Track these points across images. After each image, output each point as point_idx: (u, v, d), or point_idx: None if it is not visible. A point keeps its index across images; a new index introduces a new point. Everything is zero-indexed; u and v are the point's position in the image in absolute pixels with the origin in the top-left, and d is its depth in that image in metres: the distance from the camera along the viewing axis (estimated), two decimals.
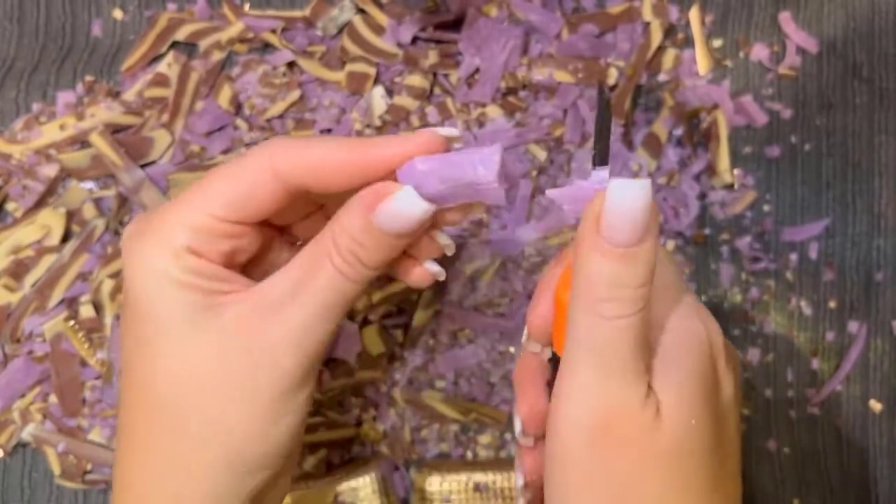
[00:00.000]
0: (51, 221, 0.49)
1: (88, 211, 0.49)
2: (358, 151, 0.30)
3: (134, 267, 0.31)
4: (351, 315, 0.48)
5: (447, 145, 0.31)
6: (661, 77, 0.51)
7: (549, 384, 0.34)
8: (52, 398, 0.48)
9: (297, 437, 0.33)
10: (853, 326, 0.50)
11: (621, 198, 0.26)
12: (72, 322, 0.48)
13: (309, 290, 0.30)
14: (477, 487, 0.46)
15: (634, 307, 0.28)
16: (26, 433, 0.48)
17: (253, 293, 0.31)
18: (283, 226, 0.36)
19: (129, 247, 0.31)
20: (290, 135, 0.50)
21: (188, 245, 0.31)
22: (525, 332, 0.35)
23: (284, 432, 0.32)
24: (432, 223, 0.32)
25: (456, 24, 0.51)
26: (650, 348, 0.30)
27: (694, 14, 0.51)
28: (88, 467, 0.48)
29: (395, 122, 0.50)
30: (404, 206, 0.29)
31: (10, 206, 0.50)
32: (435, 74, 0.51)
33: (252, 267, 0.35)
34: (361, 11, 0.51)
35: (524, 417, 0.34)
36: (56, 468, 0.48)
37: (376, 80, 0.51)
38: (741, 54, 0.52)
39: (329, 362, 0.48)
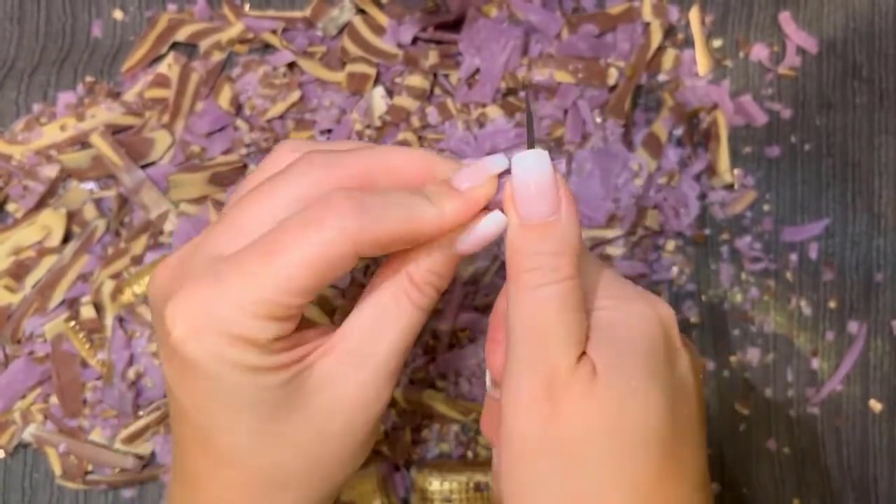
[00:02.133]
0: (51, 222, 0.49)
1: (89, 211, 0.49)
2: (441, 212, 0.29)
3: (197, 366, 0.28)
4: None
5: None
6: (661, 77, 0.51)
7: None
8: (53, 399, 0.48)
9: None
10: (853, 326, 0.50)
11: (522, 170, 0.28)
12: (73, 323, 0.48)
13: (391, 333, 0.30)
14: (478, 487, 0.46)
15: (556, 275, 0.28)
16: (27, 434, 0.48)
17: (335, 347, 0.30)
18: None
19: (179, 335, 0.27)
20: (290, 136, 0.50)
21: (267, 338, 0.28)
22: (488, 376, 0.35)
23: (347, 476, 0.33)
24: None
25: (456, 25, 0.51)
26: (591, 321, 0.30)
27: (694, 14, 0.51)
28: (89, 468, 0.48)
29: (395, 122, 0.50)
30: (492, 227, 0.30)
31: (10, 206, 0.50)
32: (435, 75, 0.51)
33: None
34: (361, 12, 0.51)
35: (495, 374, 0.34)
36: (57, 469, 0.48)
37: (376, 81, 0.51)
38: (741, 54, 0.52)
39: None
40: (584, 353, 0.29)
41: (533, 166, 0.28)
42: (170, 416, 0.32)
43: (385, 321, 0.30)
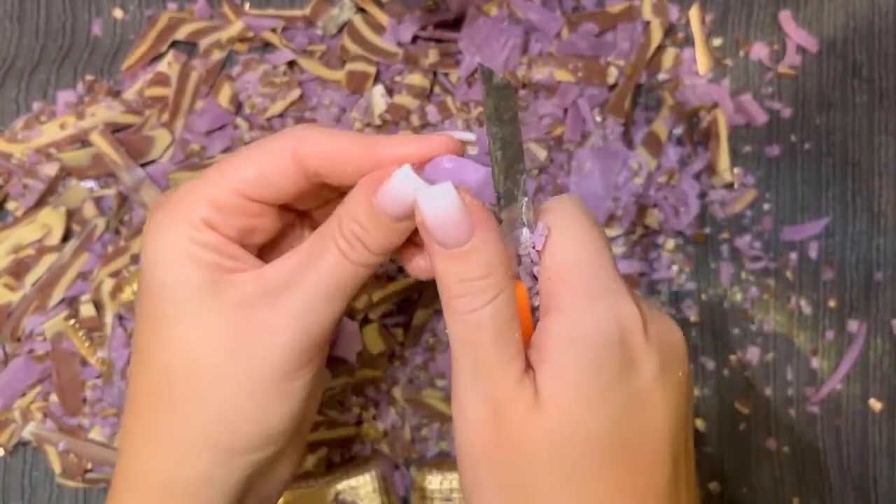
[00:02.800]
0: (51, 220, 0.49)
1: (89, 210, 0.49)
2: (376, 148, 0.31)
3: (151, 240, 0.31)
4: (351, 314, 0.48)
5: (463, 149, 0.31)
6: (661, 76, 0.51)
7: None
8: (53, 397, 0.48)
9: (296, 422, 0.33)
10: (853, 325, 0.50)
11: (429, 206, 0.28)
12: (72, 321, 0.48)
13: (312, 272, 0.30)
14: None
15: (484, 299, 0.28)
16: (27, 432, 0.48)
17: (259, 274, 0.31)
18: (303, 210, 0.36)
19: (149, 219, 0.32)
20: None
21: (204, 218, 0.31)
22: None
23: (280, 414, 0.31)
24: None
25: (456, 24, 0.51)
26: (547, 322, 0.29)
27: (694, 13, 0.51)
28: (89, 466, 0.48)
29: (395, 120, 0.50)
30: (400, 185, 0.29)
31: (10, 205, 0.50)
32: (435, 73, 0.51)
33: (270, 250, 0.35)
34: (361, 10, 0.51)
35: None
36: (57, 467, 0.48)
37: (376, 79, 0.51)
38: (741, 53, 0.52)
39: (330, 361, 0.48)
40: (528, 366, 0.29)
41: (438, 202, 0.28)
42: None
43: (308, 260, 0.31)
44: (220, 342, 0.30)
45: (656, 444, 0.29)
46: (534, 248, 0.30)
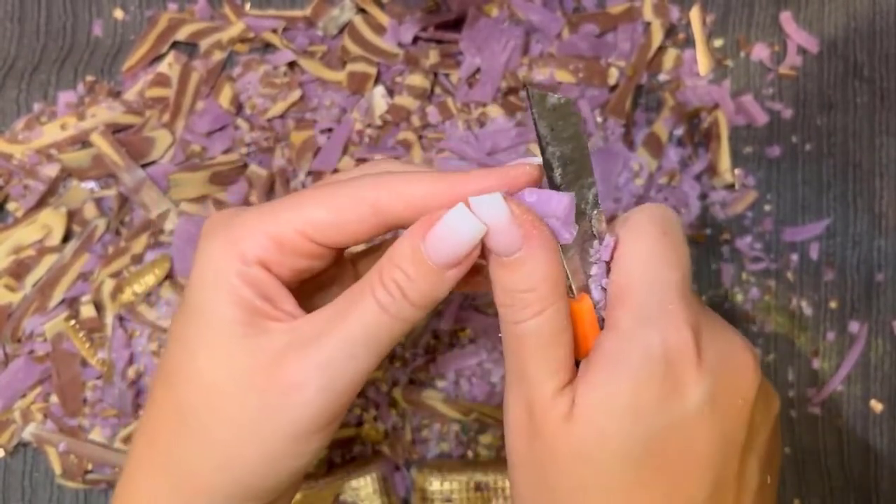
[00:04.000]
0: (52, 221, 0.49)
1: (89, 211, 0.49)
2: (458, 186, 0.29)
3: (200, 261, 0.30)
4: None
5: (542, 175, 0.30)
6: (662, 77, 0.51)
7: None
8: (53, 398, 0.48)
9: (303, 474, 0.32)
10: (854, 326, 0.50)
11: (480, 215, 0.27)
12: (73, 322, 0.48)
13: (344, 324, 0.29)
14: (478, 487, 0.46)
15: (528, 312, 0.28)
16: (27, 433, 0.48)
17: (293, 327, 0.30)
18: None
19: (204, 238, 0.31)
20: (290, 135, 0.50)
21: (259, 256, 0.30)
22: None
23: (289, 472, 0.30)
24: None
25: (457, 24, 0.51)
26: (600, 340, 0.29)
27: (695, 14, 0.51)
28: (89, 467, 0.48)
29: (395, 121, 0.50)
30: (460, 222, 0.28)
31: (11, 205, 0.50)
32: (436, 74, 0.51)
33: (313, 287, 0.34)
34: (362, 11, 0.51)
35: None
36: (57, 468, 0.48)
37: (377, 80, 0.51)
38: (742, 54, 0.52)
39: None
40: (571, 380, 0.29)
41: (487, 210, 0.27)
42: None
43: (342, 311, 0.29)
44: (242, 387, 0.29)
45: (693, 470, 0.29)
46: (602, 260, 0.30)
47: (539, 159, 0.30)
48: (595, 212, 0.31)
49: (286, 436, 0.29)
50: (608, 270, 0.30)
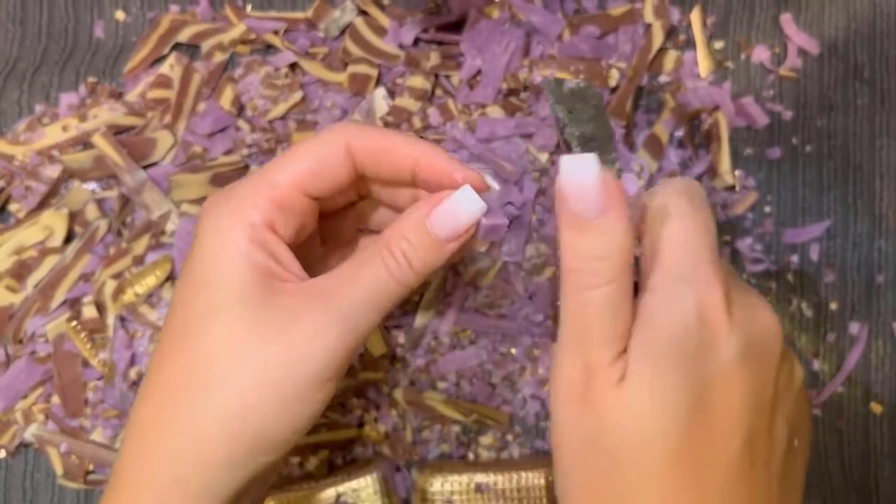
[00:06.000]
0: (53, 222, 0.49)
1: (91, 212, 0.50)
2: (419, 149, 0.33)
3: (207, 232, 0.32)
4: None
5: (485, 189, 0.34)
6: (663, 78, 0.51)
7: None
8: (55, 399, 0.48)
9: (309, 427, 0.33)
10: (854, 328, 0.50)
11: (569, 172, 0.29)
12: (74, 323, 0.48)
13: (359, 282, 0.32)
14: (478, 488, 0.46)
15: (596, 280, 0.29)
16: (29, 433, 0.48)
17: (309, 285, 0.32)
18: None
19: (207, 212, 0.33)
20: (292, 137, 0.50)
21: (266, 218, 0.32)
22: None
23: (307, 419, 0.32)
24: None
25: (457, 26, 0.51)
26: (638, 305, 0.31)
27: (695, 16, 0.51)
28: (90, 468, 0.48)
29: (396, 123, 0.50)
30: (463, 203, 0.32)
31: (12, 206, 0.50)
32: (436, 76, 0.51)
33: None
34: (363, 13, 0.51)
35: None
36: (58, 468, 0.48)
37: (378, 82, 0.51)
38: (742, 56, 0.52)
39: None
40: (625, 348, 0.30)
41: (580, 170, 0.29)
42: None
43: (355, 273, 0.32)
44: (264, 339, 0.31)
45: (730, 422, 0.30)
46: None
47: (496, 185, 0.34)
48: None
49: (307, 381, 0.31)
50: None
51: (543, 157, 0.49)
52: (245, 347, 0.31)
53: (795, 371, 0.34)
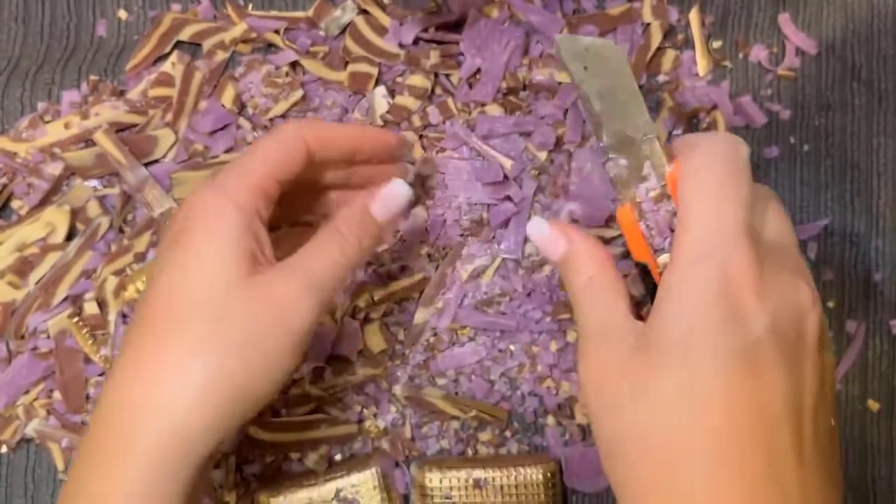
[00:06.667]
0: (55, 219, 0.49)
1: (93, 209, 0.50)
2: (357, 128, 0.45)
3: (195, 209, 0.36)
4: (353, 312, 0.48)
5: (400, 164, 0.46)
6: (661, 78, 0.52)
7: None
8: (56, 394, 0.49)
9: (280, 391, 0.38)
10: (852, 326, 0.50)
11: (530, 233, 0.39)
12: (76, 319, 0.48)
13: (319, 262, 0.38)
14: (477, 484, 0.46)
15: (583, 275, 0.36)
16: (30, 429, 0.48)
17: (283, 264, 0.37)
18: None
19: (200, 200, 0.36)
20: None
21: (253, 204, 0.37)
22: None
23: (284, 373, 0.36)
24: None
25: (457, 26, 0.51)
26: (663, 282, 0.33)
27: (694, 15, 0.52)
28: None
29: (396, 121, 0.50)
30: (397, 190, 0.41)
31: (15, 203, 0.50)
32: (436, 75, 0.51)
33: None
34: (364, 12, 0.52)
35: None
36: (60, 464, 0.49)
37: (378, 80, 0.51)
38: (740, 55, 0.52)
39: (331, 359, 0.49)
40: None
41: (532, 231, 0.38)
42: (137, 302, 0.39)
43: (317, 254, 0.38)
44: (254, 302, 0.35)
45: (772, 400, 0.30)
46: (656, 179, 0.34)
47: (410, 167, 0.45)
48: (646, 137, 0.34)
49: (286, 343, 0.36)
50: (663, 194, 0.34)
51: (542, 156, 0.49)
52: (236, 309, 0.35)
53: (830, 352, 0.34)
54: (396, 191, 0.41)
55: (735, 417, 0.30)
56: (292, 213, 0.44)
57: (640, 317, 0.34)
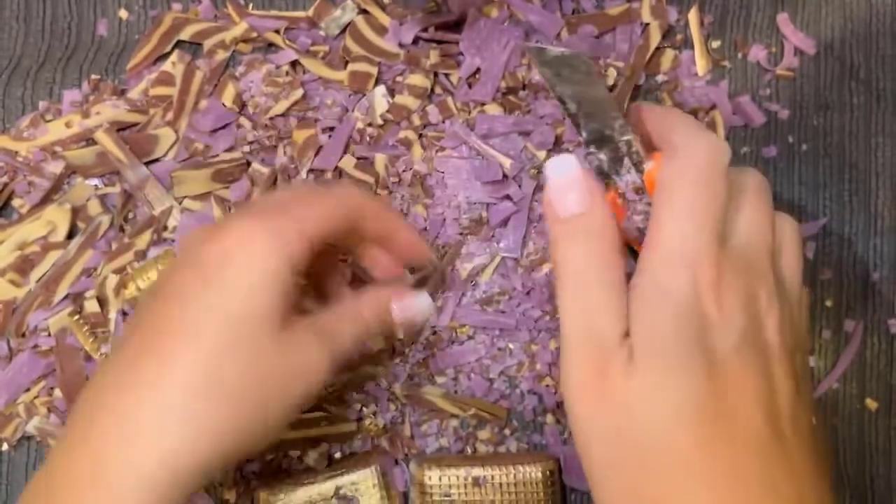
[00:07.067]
0: (56, 217, 0.49)
1: (93, 208, 0.50)
2: (400, 226, 0.43)
3: (246, 251, 0.35)
4: None
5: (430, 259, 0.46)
6: (660, 78, 0.52)
7: None
8: (57, 392, 0.49)
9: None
10: (850, 325, 0.50)
11: (552, 170, 0.35)
12: (76, 317, 0.48)
13: (341, 332, 0.39)
14: (476, 482, 0.46)
15: (590, 267, 0.33)
16: (31, 427, 0.48)
17: (310, 323, 0.38)
18: None
19: (243, 226, 0.35)
20: (293, 134, 0.50)
21: (303, 261, 0.36)
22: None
23: (280, 432, 0.39)
24: None
25: (457, 25, 0.51)
26: (633, 289, 0.32)
27: (693, 15, 0.52)
28: None
29: (396, 120, 0.50)
30: (420, 306, 0.44)
31: (15, 202, 0.51)
32: (436, 74, 0.51)
33: None
34: (364, 12, 0.52)
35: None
36: None
37: (378, 80, 0.51)
38: (739, 55, 0.52)
39: None
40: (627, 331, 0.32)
41: (555, 168, 0.34)
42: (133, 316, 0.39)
43: (339, 328, 0.39)
44: (279, 347, 0.35)
45: (745, 406, 0.31)
46: (632, 191, 0.34)
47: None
48: (624, 138, 0.34)
49: (299, 398, 0.36)
50: (642, 187, 0.34)
51: (541, 155, 0.49)
52: (262, 357, 0.35)
53: (803, 357, 0.35)
54: (419, 305, 0.43)
55: (706, 426, 0.30)
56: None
57: None
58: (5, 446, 0.49)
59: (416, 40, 0.51)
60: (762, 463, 0.30)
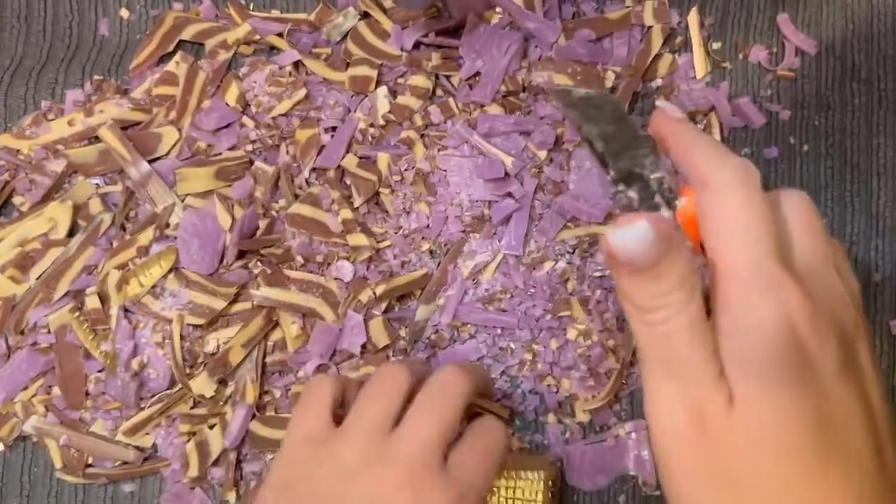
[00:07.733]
0: (57, 214, 0.49)
1: (95, 206, 0.50)
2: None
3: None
4: (354, 308, 0.48)
5: None
6: (657, 82, 0.52)
7: None
8: (55, 390, 0.48)
9: None
10: None
11: (622, 242, 0.29)
12: (77, 313, 0.48)
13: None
14: None
15: (674, 309, 0.29)
16: (28, 426, 0.48)
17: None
18: None
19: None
20: (295, 133, 0.50)
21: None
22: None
23: None
24: None
25: (457, 31, 0.51)
26: (720, 326, 0.30)
27: (693, 17, 0.52)
28: (89, 461, 0.48)
29: (398, 121, 0.50)
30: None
31: (17, 199, 0.50)
32: (437, 76, 0.51)
33: None
34: (366, 16, 0.52)
35: None
36: (57, 461, 0.48)
37: (379, 81, 0.51)
38: (740, 56, 0.52)
39: (334, 354, 0.48)
40: (723, 375, 0.30)
41: (634, 241, 0.29)
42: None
43: None
44: None
45: (854, 436, 0.30)
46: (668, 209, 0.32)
47: None
48: (655, 175, 0.32)
49: None
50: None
51: (542, 154, 0.49)
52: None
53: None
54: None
55: (819, 459, 0.29)
56: None
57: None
58: (1, 447, 0.49)
59: (417, 45, 0.52)
60: (872, 496, 0.30)
